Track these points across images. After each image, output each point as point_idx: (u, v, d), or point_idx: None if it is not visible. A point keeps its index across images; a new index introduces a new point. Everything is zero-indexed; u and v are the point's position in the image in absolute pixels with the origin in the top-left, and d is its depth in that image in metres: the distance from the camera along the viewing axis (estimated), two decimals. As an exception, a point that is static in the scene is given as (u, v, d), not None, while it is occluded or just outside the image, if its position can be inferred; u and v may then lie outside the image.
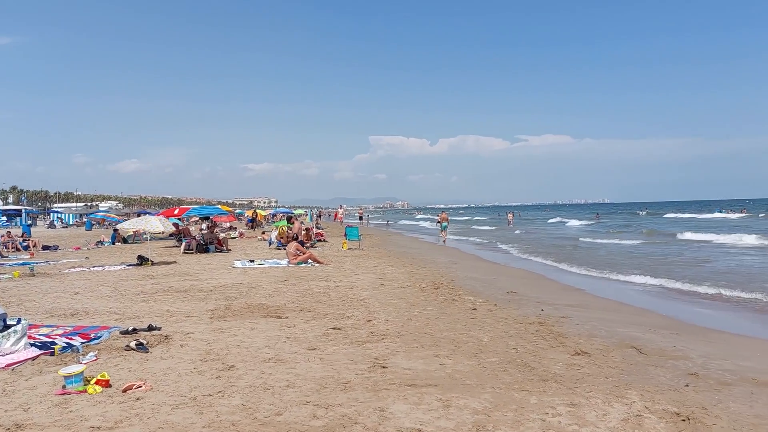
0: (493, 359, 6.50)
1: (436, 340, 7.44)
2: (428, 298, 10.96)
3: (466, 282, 13.70)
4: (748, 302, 11.70)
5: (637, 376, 5.93)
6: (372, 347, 7.02)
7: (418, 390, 5.33)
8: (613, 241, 31.98)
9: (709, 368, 6.38)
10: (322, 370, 6.03)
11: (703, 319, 10.16)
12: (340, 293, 11.46)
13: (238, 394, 5.25)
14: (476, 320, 8.82)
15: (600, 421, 4.57)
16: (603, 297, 12.65)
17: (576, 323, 8.84)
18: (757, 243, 27.17)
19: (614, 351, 7.04)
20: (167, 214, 31.45)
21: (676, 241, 30.83)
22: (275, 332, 7.88)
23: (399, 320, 8.70)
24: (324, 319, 8.82)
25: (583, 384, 5.59)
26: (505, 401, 5.04)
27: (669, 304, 11.79)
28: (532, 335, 7.84)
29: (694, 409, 4.88)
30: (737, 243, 27.92)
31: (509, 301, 10.91)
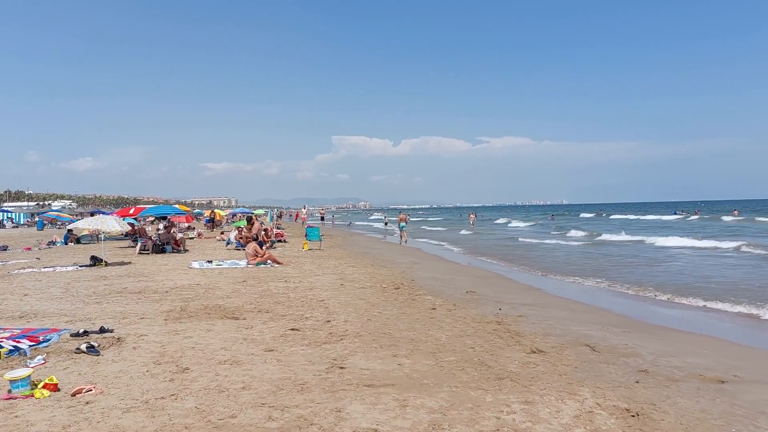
0: (450, 358, 6.55)
1: (395, 340, 7.45)
2: (388, 298, 10.98)
3: (427, 282, 13.78)
4: (690, 302, 12.08)
5: (590, 374, 6.06)
6: (330, 348, 6.99)
7: (376, 390, 5.33)
8: (552, 242, 32.90)
9: (659, 365, 6.57)
10: (279, 371, 5.97)
11: (654, 317, 10.46)
12: (300, 294, 11.38)
13: (192, 396, 5.16)
14: (435, 320, 8.88)
15: (553, 418, 4.65)
16: (559, 296, 12.89)
17: (532, 322, 8.99)
18: (687, 244, 28.12)
19: (568, 349, 7.18)
20: (122, 214, 30.72)
21: (610, 243, 31.52)
22: (232, 334, 7.77)
23: (358, 321, 8.69)
24: (282, 320, 8.74)
25: (537, 382, 5.68)
26: (461, 400, 5.08)
27: (622, 303, 12.09)
28: (490, 334, 7.93)
29: (644, 405, 5.01)
30: (668, 244, 28.90)
31: (468, 301, 11.01)
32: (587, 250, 26.86)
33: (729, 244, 25.95)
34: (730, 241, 27.11)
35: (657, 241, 30.09)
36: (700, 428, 4.56)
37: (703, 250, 25.00)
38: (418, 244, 31.67)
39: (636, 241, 31.34)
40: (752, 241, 27.22)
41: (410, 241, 33.28)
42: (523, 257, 23.39)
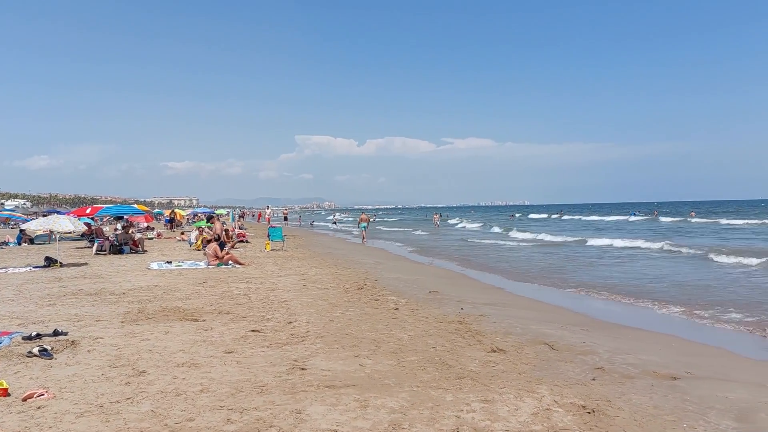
0: (412, 358, 6.58)
1: (357, 340, 7.45)
2: (351, 299, 10.96)
3: (390, 282, 13.80)
4: (641, 301, 12.42)
5: (548, 372, 6.16)
6: (292, 349, 6.94)
7: (337, 391, 5.32)
8: (497, 242, 33.57)
9: (615, 362, 6.72)
10: (239, 373, 5.90)
11: (611, 315, 10.69)
12: (261, 295, 11.27)
13: (149, 400, 5.06)
14: (398, 320, 8.90)
15: (511, 416, 4.72)
16: (520, 295, 13.09)
17: (493, 321, 9.09)
18: (618, 244, 28.98)
19: (528, 348, 7.29)
20: (79, 214, 29.93)
21: (550, 244, 32.23)
22: (191, 336, 7.64)
23: (320, 322, 8.65)
24: (243, 321, 8.64)
25: (497, 380, 5.75)
26: (422, 399, 5.11)
27: (581, 302, 12.32)
28: (451, 333, 7.99)
29: (599, 402, 5.12)
30: (599, 244, 29.90)
31: (431, 301, 11.08)
32: (524, 251, 27.52)
33: (655, 245, 26.63)
34: (659, 241, 27.82)
35: (589, 241, 31.26)
36: (652, 424, 4.68)
37: (630, 249, 26.13)
38: (378, 244, 31.71)
39: (575, 241, 32.23)
40: (681, 242, 28.38)
41: (347, 240, 33.35)
42: (465, 256, 24.16)
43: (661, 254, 23.93)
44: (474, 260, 22.24)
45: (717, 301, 11.91)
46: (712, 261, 20.40)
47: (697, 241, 29.91)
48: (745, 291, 13.48)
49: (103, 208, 33.98)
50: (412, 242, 34.14)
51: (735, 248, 23.46)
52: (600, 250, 26.62)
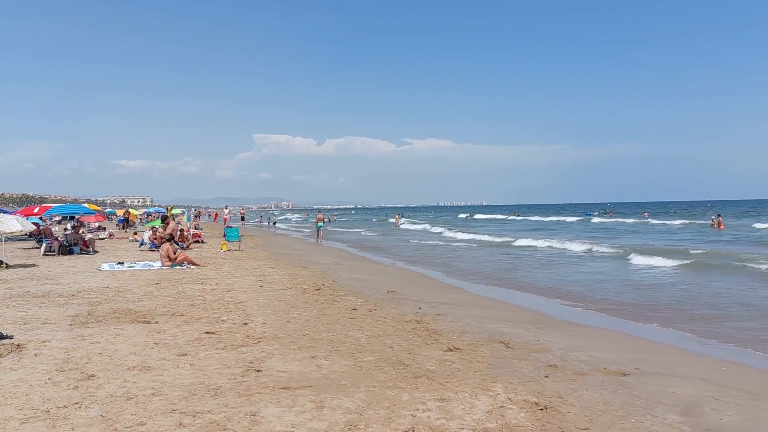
0: (369, 358, 6.58)
1: (314, 341, 7.40)
2: (309, 299, 10.90)
3: (348, 282, 13.78)
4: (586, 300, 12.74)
5: (503, 370, 6.26)
6: (247, 351, 6.85)
7: (293, 392, 5.27)
8: (434, 242, 34.11)
9: (567, 360, 6.87)
10: (192, 376, 5.79)
11: (565, 314, 10.91)
12: (216, 296, 11.09)
13: (97, 404, 4.91)
14: (355, 320, 8.89)
15: (466, 414, 4.76)
16: (478, 294, 13.25)
17: (450, 320, 9.17)
18: (542, 244, 29.34)
19: (483, 346, 7.38)
20: (27, 213, 28.94)
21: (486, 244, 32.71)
22: (143, 338, 7.46)
23: (277, 323, 8.57)
24: (197, 323, 8.48)
25: (453, 379, 5.80)
26: (378, 399, 5.11)
27: (535, 301, 12.54)
28: (409, 333, 8.03)
29: (552, 399, 5.22)
30: (525, 244, 30.46)
31: (389, 301, 11.10)
32: (451, 250, 28.10)
33: (580, 247, 26.72)
34: (587, 243, 27.92)
35: (517, 241, 31.94)
36: (602, 419, 4.80)
37: (554, 250, 26.86)
38: (327, 245, 31.64)
39: (502, 242, 32.86)
40: (615, 242, 29.32)
41: (306, 240, 33.25)
42: (399, 254, 24.88)
43: (582, 255, 24.13)
44: (412, 259, 22.39)
45: (642, 302, 12.31)
46: (630, 262, 20.70)
47: (631, 241, 30.76)
48: (666, 292, 13.97)
49: (53, 207, 32.93)
50: (357, 243, 34.09)
51: (656, 249, 24.03)
52: (523, 251, 26.91)
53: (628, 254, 22.34)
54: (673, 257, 20.06)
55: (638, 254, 21.64)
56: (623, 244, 28.10)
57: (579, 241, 30.24)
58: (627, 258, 21.68)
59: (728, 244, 28.20)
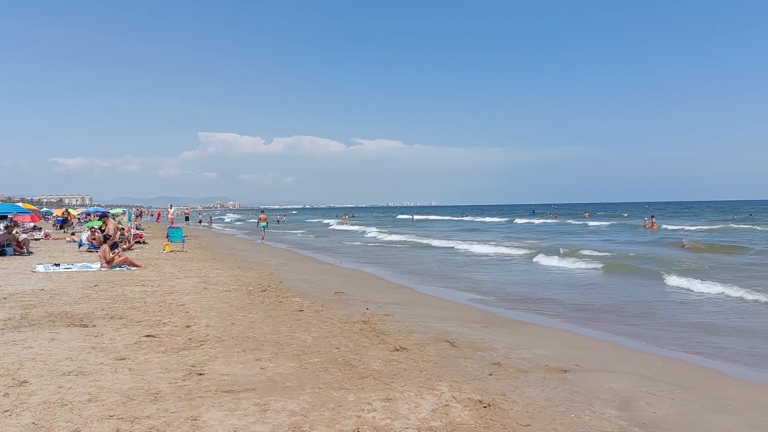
0: (315, 360, 6.53)
1: (259, 343, 7.29)
2: (254, 301, 10.73)
3: (295, 283, 13.65)
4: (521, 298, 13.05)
5: (448, 368, 6.32)
6: (189, 354, 6.69)
7: (236, 396, 5.18)
8: (357, 243, 34.48)
9: (511, 357, 7.00)
10: (131, 380, 5.61)
11: (510, 312, 11.11)
12: (158, 298, 10.78)
13: (30, 411, 4.69)
14: (302, 322, 8.81)
15: (411, 413, 4.79)
16: (426, 294, 13.35)
17: (397, 320, 9.21)
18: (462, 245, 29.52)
19: (430, 345, 7.44)
20: (-47, 213, 27.45)
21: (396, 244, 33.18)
22: (79, 342, 7.18)
23: (221, 325, 8.40)
24: (137, 326, 8.23)
25: (399, 379, 5.82)
26: (323, 401, 5.08)
27: (480, 300, 12.73)
28: (356, 334, 8.01)
29: (495, 396, 5.31)
30: (438, 245, 31.02)
31: (336, 301, 11.05)
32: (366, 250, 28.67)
33: (517, 251, 26.23)
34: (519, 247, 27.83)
35: (432, 242, 32.38)
36: (543, 415, 4.91)
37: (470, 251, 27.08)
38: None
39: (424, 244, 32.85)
40: (545, 243, 29.87)
41: (252, 241, 32.91)
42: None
43: (491, 256, 24.32)
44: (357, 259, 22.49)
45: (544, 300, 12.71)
46: (538, 264, 20.94)
47: (563, 242, 31.62)
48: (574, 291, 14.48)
49: (-18, 206, 31.29)
50: (298, 243, 33.93)
51: (571, 249, 24.66)
52: (442, 252, 27.04)
53: (549, 254, 22.76)
54: (583, 259, 20.70)
55: (545, 255, 22.25)
56: (552, 244, 28.57)
57: (494, 242, 30.54)
58: (533, 258, 22.11)
59: (646, 246, 29.09)
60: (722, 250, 25.21)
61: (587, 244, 28.51)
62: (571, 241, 33.07)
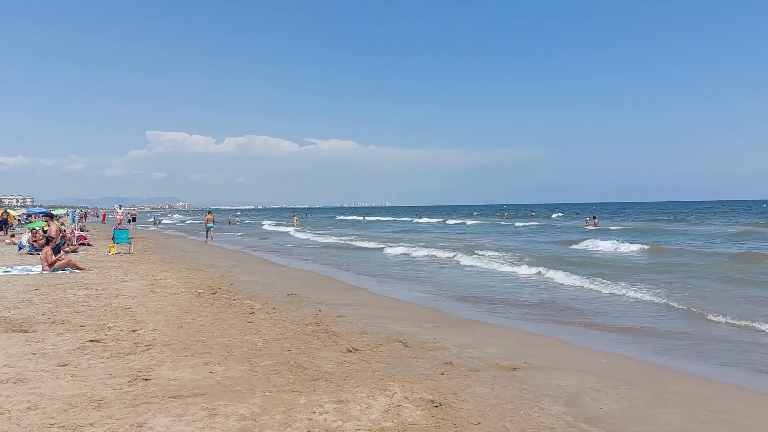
0: (266, 362, 6.44)
1: (209, 347, 7.15)
2: (204, 304, 10.52)
3: (247, 286, 13.45)
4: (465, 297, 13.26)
5: (401, 369, 6.34)
6: (135, 359, 6.50)
7: (183, 401, 5.05)
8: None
9: (462, 357, 7.08)
10: (74, 387, 5.40)
11: (462, 311, 11.23)
12: (103, 302, 10.44)
13: (-38, 424, 4.47)
14: (253, 324, 8.69)
15: (363, 415, 4.78)
16: (380, 294, 13.36)
17: (351, 321, 9.18)
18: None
19: (382, 346, 7.45)
20: None
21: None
22: (18, 348, 6.87)
23: (169, 329, 8.20)
24: (81, 331, 7.94)
25: (351, 380, 5.80)
26: (274, 404, 5.01)
27: (433, 299, 12.83)
28: (308, 336, 7.95)
29: (446, 396, 5.35)
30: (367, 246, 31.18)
31: (289, 303, 10.95)
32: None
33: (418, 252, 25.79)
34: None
35: (367, 245, 31.90)
36: (493, 413, 4.98)
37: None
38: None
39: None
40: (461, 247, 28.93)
41: (204, 242, 32.40)
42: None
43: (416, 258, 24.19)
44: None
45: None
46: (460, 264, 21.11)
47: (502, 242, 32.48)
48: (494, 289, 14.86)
49: None
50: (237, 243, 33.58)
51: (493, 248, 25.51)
52: (371, 252, 27.22)
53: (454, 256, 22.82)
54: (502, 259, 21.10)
55: (466, 255, 22.58)
56: (474, 245, 28.98)
57: (424, 243, 30.60)
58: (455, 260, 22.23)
59: (552, 245, 30.24)
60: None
61: (539, 242, 29.49)
62: (519, 239, 33.96)
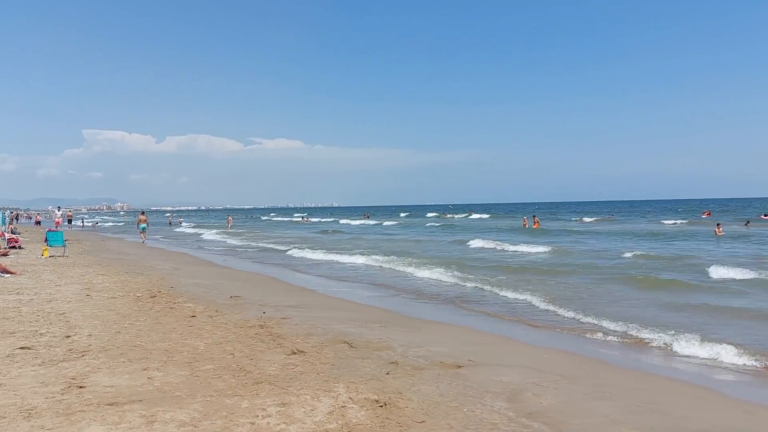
0: (207, 367, 6.30)
1: (147, 352, 6.93)
2: (143, 308, 10.20)
3: (188, 288, 13.12)
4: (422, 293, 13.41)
5: (346, 370, 6.32)
6: (69, 366, 6.23)
7: (120, 408, 4.88)
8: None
9: (408, 356, 7.11)
10: (2, 397, 5.13)
11: (408, 310, 11.30)
12: (35, 308, 9.97)
13: None
14: (194, 328, 8.48)
15: (307, 417, 4.73)
16: (327, 295, 13.28)
17: (296, 323, 9.09)
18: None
19: (328, 347, 7.40)
20: None
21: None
22: (-61, 359, 6.49)
23: (105, 334, 7.90)
24: (10, 338, 7.56)
25: (295, 382, 5.74)
26: (215, 409, 4.90)
27: (380, 299, 12.86)
28: (251, 339, 7.82)
29: (391, 395, 5.37)
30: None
31: (232, 306, 10.75)
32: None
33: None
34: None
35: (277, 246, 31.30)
36: (437, 411, 5.02)
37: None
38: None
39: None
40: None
41: (144, 244, 31.59)
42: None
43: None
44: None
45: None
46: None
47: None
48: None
49: None
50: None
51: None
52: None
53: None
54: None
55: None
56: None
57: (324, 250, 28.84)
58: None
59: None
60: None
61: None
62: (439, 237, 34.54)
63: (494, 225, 55.97)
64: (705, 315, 10.50)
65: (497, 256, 23.18)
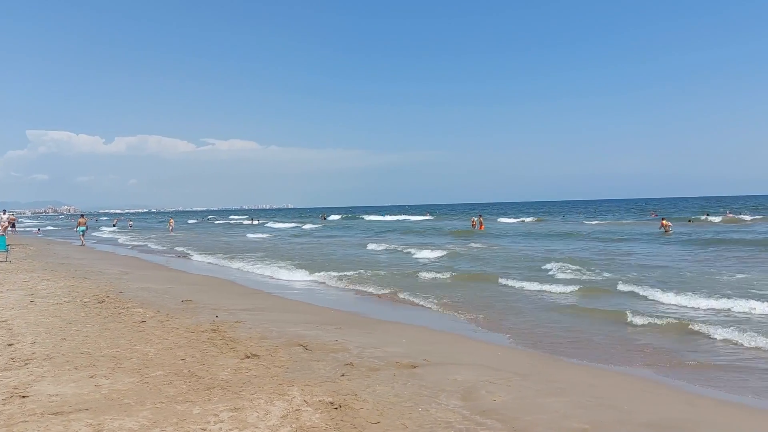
0: (157, 373, 6.15)
1: (94, 359, 6.72)
2: (90, 313, 9.88)
3: (138, 293, 12.78)
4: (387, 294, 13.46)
5: (301, 372, 6.26)
6: (11, 375, 5.99)
7: (65, 417, 4.71)
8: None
9: (363, 357, 7.11)
10: (-64, 411, 4.90)
11: (365, 311, 11.29)
12: (-26, 315, 9.55)
13: None
14: (144, 333, 8.27)
15: (260, 421, 4.67)
16: (282, 297, 13.14)
17: (249, 327, 8.97)
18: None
19: (282, 350, 7.33)
20: None
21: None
22: None
23: (50, 341, 7.62)
24: (-54, 348, 7.22)
25: (249, 387, 5.66)
26: (165, 416, 4.79)
27: (338, 299, 12.81)
28: (204, 343, 7.68)
29: (346, 397, 5.35)
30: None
31: (183, 310, 10.52)
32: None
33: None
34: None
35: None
36: (392, 411, 5.03)
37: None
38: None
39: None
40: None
41: (92, 249, 30.72)
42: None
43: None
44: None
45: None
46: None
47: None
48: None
49: None
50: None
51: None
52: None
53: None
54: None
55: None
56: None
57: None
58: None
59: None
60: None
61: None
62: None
63: (430, 226, 55.05)
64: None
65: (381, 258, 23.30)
